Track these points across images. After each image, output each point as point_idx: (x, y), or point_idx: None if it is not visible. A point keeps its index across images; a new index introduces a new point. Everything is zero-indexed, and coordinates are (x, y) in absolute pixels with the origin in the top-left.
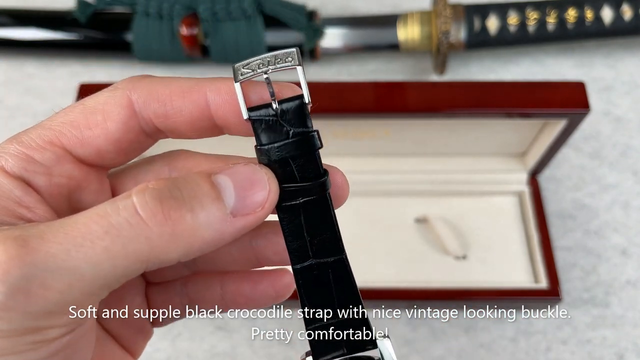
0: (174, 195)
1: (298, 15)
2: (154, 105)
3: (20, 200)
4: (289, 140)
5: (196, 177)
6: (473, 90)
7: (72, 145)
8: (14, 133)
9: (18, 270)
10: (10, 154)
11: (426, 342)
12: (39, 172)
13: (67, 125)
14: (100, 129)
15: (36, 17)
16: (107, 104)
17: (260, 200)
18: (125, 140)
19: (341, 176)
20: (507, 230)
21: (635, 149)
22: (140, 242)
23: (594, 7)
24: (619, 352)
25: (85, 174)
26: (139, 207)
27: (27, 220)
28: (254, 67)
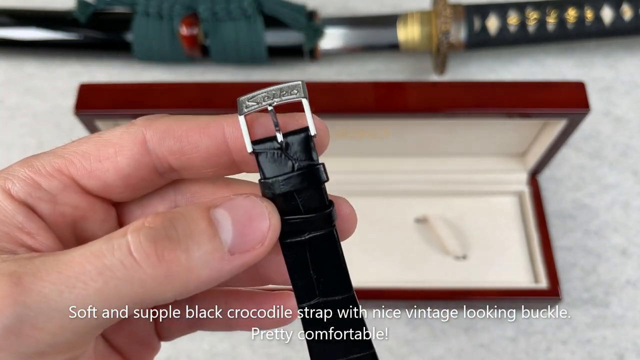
0: (169, 234)
1: (298, 15)
2: (170, 141)
3: (22, 226)
4: (293, 174)
5: (194, 213)
6: (473, 90)
7: (80, 176)
8: (14, 133)
9: (11, 310)
10: (19, 177)
11: (426, 342)
12: (44, 199)
13: (78, 155)
14: (111, 163)
15: (36, 17)
16: (121, 139)
17: (259, 237)
18: (135, 177)
19: (348, 207)
20: (507, 230)
21: (635, 149)
22: (133, 285)
23: (594, 7)
24: (619, 352)
25: (91, 205)
26: (133, 247)
27: (27, 247)
28: (258, 100)
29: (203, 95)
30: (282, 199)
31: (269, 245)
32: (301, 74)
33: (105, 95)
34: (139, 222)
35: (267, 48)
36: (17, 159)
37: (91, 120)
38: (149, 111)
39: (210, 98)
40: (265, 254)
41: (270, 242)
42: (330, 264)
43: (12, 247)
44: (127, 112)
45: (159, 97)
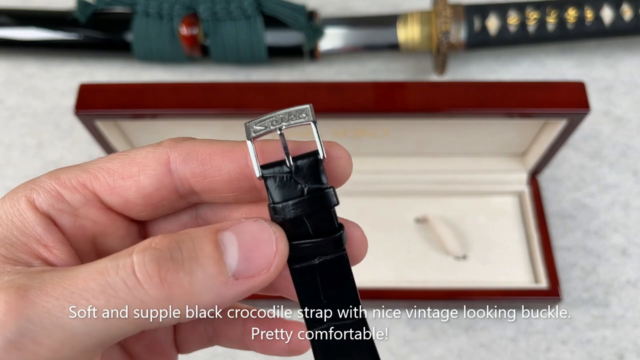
0: (174, 256)
1: (298, 15)
2: (193, 164)
3: (40, 238)
4: (303, 198)
5: (201, 235)
6: (473, 90)
7: (102, 192)
8: (14, 133)
9: (14, 324)
10: (44, 188)
11: (426, 342)
12: (66, 212)
13: (103, 171)
14: (133, 181)
15: (36, 17)
16: (146, 158)
17: (265, 263)
18: (156, 197)
19: (359, 231)
20: (507, 230)
21: (635, 149)
22: (135, 305)
23: (594, 7)
24: (619, 352)
25: (112, 221)
26: (136, 268)
27: (43, 259)
28: (267, 125)
29: (203, 95)
30: (292, 224)
31: (275, 271)
32: (301, 74)
33: (105, 95)
34: (147, 241)
35: (267, 48)
36: (17, 159)
37: (91, 120)
38: (149, 111)
39: (210, 98)
40: (271, 279)
41: (277, 268)
42: (341, 288)
43: (27, 259)
44: (127, 112)
45: (159, 97)
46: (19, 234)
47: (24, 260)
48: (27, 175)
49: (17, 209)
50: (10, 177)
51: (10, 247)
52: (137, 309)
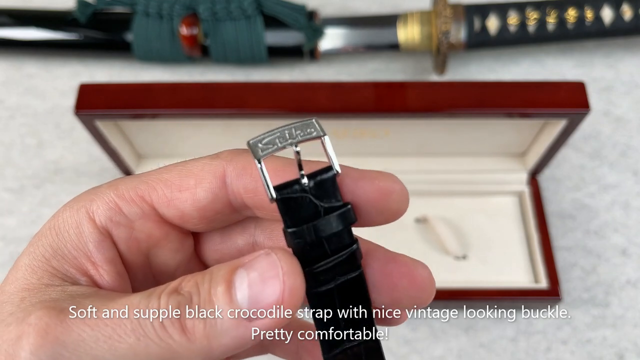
0: (193, 301)
1: (298, 15)
2: (246, 179)
3: (90, 255)
4: (322, 220)
5: (219, 275)
6: (473, 90)
7: (160, 204)
8: (14, 133)
9: (51, 347)
10: (104, 200)
11: (426, 342)
12: (122, 224)
13: (161, 182)
14: (190, 193)
15: (36, 17)
16: (203, 170)
17: (272, 302)
18: (210, 210)
19: (426, 271)
20: (507, 230)
21: (635, 149)
22: (161, 347)
23: (594, 7)
24: (619, 352)
25: (166, 234)
26: (161, 312)
27: (89, 277)
28: (274, 142)
29: (203, 95)
30: (310, 248)
31: (290, 307)
32: (301, 74)
33: (105, 95)
34: (177, 282)
35: (267, 48)
36: (17, 159)
37: (91, 120)
38: (149, 111)
39: (210, 98)
40: (290, 316)
41: (290, 304)
42: (357, 310)
43: (75, 274)
44: (127, 112)
45: (159, 97)
46: (72, 247)
47: (71, 275)
48: (27, 175)
49: (76, 220)
50: (10, 177)
51: (62, 260)
52: (163, 352)
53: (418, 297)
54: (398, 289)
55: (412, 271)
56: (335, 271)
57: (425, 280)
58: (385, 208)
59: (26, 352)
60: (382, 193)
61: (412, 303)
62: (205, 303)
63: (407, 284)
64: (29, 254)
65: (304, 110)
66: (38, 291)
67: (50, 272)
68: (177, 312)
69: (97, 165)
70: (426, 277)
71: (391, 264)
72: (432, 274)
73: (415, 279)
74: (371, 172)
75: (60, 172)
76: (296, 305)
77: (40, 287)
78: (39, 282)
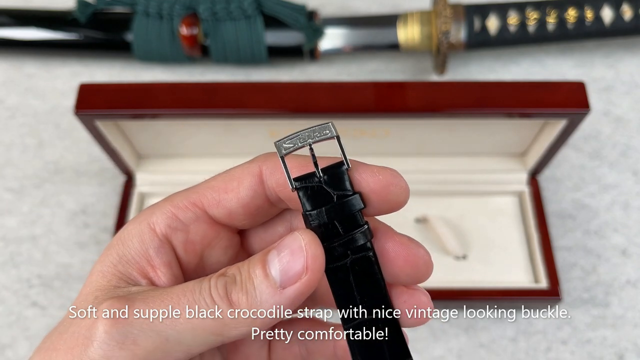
0: (236, 279)
1: (298, 15)
2: (278, 175)
3: (150, 259)
4: (333, 204)
5: (255, 259)
6: (473, 90)
7: (210, 206)
8: (14, 133)
9: (121, 326)
10: (162, 211)
11: (426, 342)
12: (180, 229)
13: (208, 189)
14: (234, 194)
15: (36, 17)
16: (243, 173)
17: (300, 268)
18: (252, 206)
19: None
20: (507, 230)
21: (635, 149)
22: (213, 320)
23: (594, 7)
24: (619, 352)
25: (217, 233)
26: (212, 290)
27: (148, 279)
28: (295, 142)
29: (203, 95)
30: (325, 228)
31: (313, 273)
32: (301, 74)
33: (105, 95)
34: (223, 270)
35: (267, 48)
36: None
37: (91, 120)
38: (149, 111)
39: (210, 98)
40: (316, 280)
41: (313, 270)
42: (371, 288)
43: (137, 277)
44: (127, 112)
45: (159, 97)
46: (135, 253)
47: (134, 278)
48: (27, 175)
49: (139, 230)
50: (10, 177)
51: (126, 264)
52: (215, 323)
53: (414, 275)
54: (395, 265)
55: (408, 250)
56: (348, 247)
57: (421, 259)
58: (387, 199)
59: (100, 332)
60: (383, 185)
61: (409, 280)
62: (246, 280)
63: (403, 262)
64: (100, 262)
65: (304, 110)
66: (108, 291)
67: (117, 276)
68: (224, 289)
69: (97, 165)
70: (421, 256)
71: (390, 242)
72: (430, 254)
73: (410, 257)
74: (374, 167)
75: (60, 172)
76: (319, 269)
77: (109, 288)
78: (108, 284)
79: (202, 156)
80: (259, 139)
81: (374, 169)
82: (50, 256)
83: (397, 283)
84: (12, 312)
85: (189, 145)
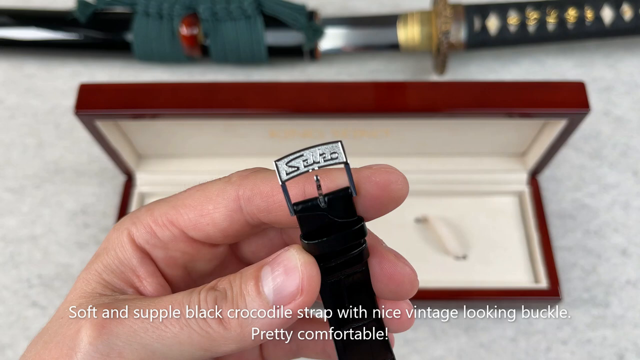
0: (227, 295)
1: (298, 15)
2: (257, 200)
3: (135, 269)
4: (337, 234)
5: (248, 273)
6: (473, 90)
7: (187, 228)
8: (14, 133)
9: (106, 338)
10: (142, 224)
11: (426, 342)
12: (158, 246)
13: (186, 207)
14: (210, 218)
15: (36, 17)
16: (219, 196)
17: (294, 289)
18: (230, 230)
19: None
20: (507, 230)
21: (635, 149)
22: (201, 335)
23: (594, 7)
24: (619, 352)
25: (198, 250)
26: (202, 304)
27: (135, 288)
28: (298, 165)
29: (203, 95)
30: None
31: (309, 294)
32: (301, 74)
33: (105, 95)
34: (213, 283)
35: (267, 48)
36: (17, 159)
37: (91, 120)
38: (149, 111)
39: (210, 98)
40: (311, 302)
41: (309, 291)
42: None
43: (122, 286)
44: (127, 112)
45: (159, 97)
46: (119, 263)
47: (119, 287)
48: (27, 175)
49: (120, 241)
50: (10, 177)
51: (111, 274)
52: (203, 340)
53: (397, 292)
54: (379, 281)
55: (394, 268)
56: (345, 267)
57: (406, 277)
58: (388, 200)
59: (85, 343)
60: (382, 187)
61: (392, 296)
62: (238, 296)
63: (388, 279)
64: (86, 269)
65: (304, 110)
66: (93, 298)
67: (102, 284)
68: (214, 305)
69: (97, 165)
70: (407, 274)
71: (377, 258)
72: (416, 271)
73: (396, 275)
74: (371, 172)
75: (60, 172)
76: (314, 291)
77: (94, 295)
78: (92, 292)
79: (202, 156)
80: (259, 139)
81: (370, 174)
82: (50, 256)
83: (381, 297)
84: (12, 312)
85: (189, 145)
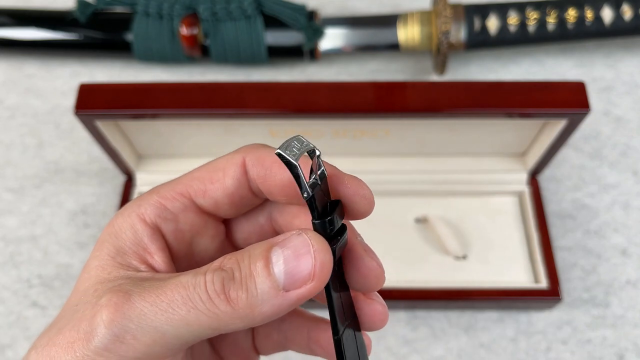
0: (235, 275)
1: (298, 15)
2: (258, 167)
3: (146, 247)
4: (334, 215)
5: (257, 253)
6: (473, 90)
7: (197, 196)
8: (14, 133)
9: (120, 322)
10: (150, 203)
11: (426, 342)
12: (169, 219)
13: (195, 179)
14: (220, 184)
15: (36, 17)
16: (227, 164)
17: (306, 275)
18: (237, 195)
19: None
20: (507, 230)
21: (635, 149)
22: (209, 316)
23: (594, 7)
24: (619, 352)
25: (204, 222)
26: (208, 286)
27: (148, 264)
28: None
29: (203, 95)
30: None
31: (320, 280)
32: (301, 74)
33: (105, 95)
34: (218, 261)
35: (267, 48)
36: (17, 159)
37: (91, 120)
38: (149, 111)
39: (210, 98)
40: (321, 288)
41: (320, 278)
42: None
43: (137, 264)
44: (127, 112)
45: (159, 97)
46: (130, 244)
47: (133, 265)
48: (27, 175)
49: (129, 223)
50: (10, 177)
51: (124, 255)
52: (211, 320)
53: (364, 285)
54: (346, 272)
55: (361, 262)
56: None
57: (372, 272)
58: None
59: (101, 328)
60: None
61: (360, 288)
62: (246, 276)
63: (356, 272)
64: (95, 258)
65: (304, 110)
66: (108, 282)
67: (117, 267)
68: (221, 286)
69: (97, 165)
70: (372, 268)
71: (346, 252)
72: (383, 266)
73: (362, 269)
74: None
75: (60, 172)
76: (326, 277)
77: (110, 279)
78: (109, 276)
79: (202, 156)
80: (259, 139)
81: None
82: (50, 256)
83: (350, 288)
84: (12, 312)
85: (189, 145)
